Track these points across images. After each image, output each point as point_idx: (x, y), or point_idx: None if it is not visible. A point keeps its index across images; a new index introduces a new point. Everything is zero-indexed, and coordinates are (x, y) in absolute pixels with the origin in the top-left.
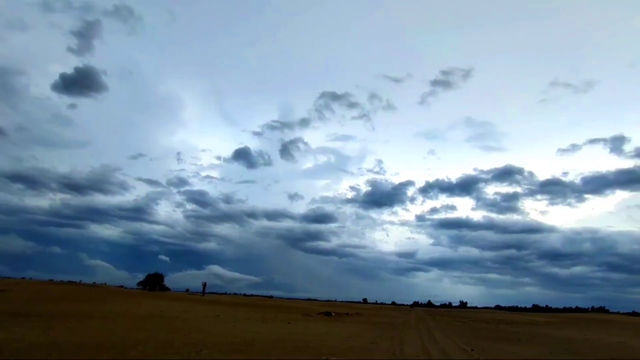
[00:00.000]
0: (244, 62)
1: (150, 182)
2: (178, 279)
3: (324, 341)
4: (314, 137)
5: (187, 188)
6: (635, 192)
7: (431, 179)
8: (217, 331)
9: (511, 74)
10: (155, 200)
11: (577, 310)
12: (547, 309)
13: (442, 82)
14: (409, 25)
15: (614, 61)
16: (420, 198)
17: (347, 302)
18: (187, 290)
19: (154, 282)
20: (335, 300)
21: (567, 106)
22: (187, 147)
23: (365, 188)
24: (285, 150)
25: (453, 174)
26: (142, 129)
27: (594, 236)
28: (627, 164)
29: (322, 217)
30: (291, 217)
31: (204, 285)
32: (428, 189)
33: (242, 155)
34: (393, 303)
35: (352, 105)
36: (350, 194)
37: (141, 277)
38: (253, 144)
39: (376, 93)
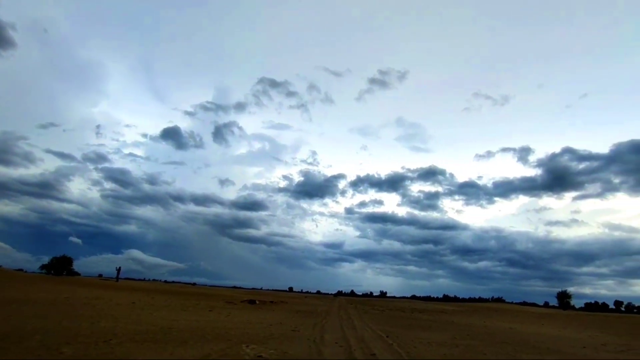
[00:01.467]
0: (180, 37)
1: (62, 155)
2: (92, 263)
3: (245, 329)
4: (249, 122)
5: (106, 165)
6: (534, 198)
7: (362, 174)
8: (131, 319)
9: (441, 81)
10: (67, 176)
11: (480, 300)
12: (455, 299)
13: (379, 81)
14: (353, 21)
15: (526, 80)
16: (350, 191)
17: (273, 290)
18: (100, 275)
19: (60, 266)
20: (261, 289)
21: (486, 116)
22: (108, 121)
23: (298, 178)
24: (219, 133)
25: (383, 171)
26: (56, 95)
27: (499, 235)
28: (530, 172)
29: (252, 205)
30: (220, 202)
31: (118, 270)
32: (358, 183)
33: (171, 135)
34: (318, 292)
35: (291, 94)
36: (282, 183)
37: (47, 260)
38: (184, 124)
39: (315, 84)
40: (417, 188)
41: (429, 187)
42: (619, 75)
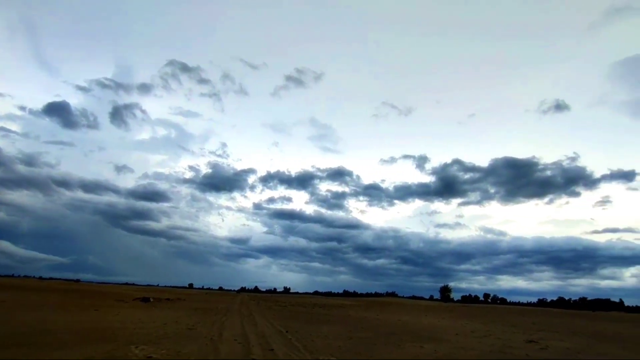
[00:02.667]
0: (77, 0)
1: None
2: None
3: (136, 329)
4: (154, 106)
5: None
6: (427, 202)
7: (273, 170)
8: None
9: (355, 86)
10: None
11: (376, 295)
12: (354, 294)
13: (296, 79)
14: (275, 15)
15: (428, 95)
16: (260, 187)
17: (171, 287)
18: None
19: None
20: (158, 285)
21: (392, 124)
22: None
23: (205, 170)
24: (117, 114)
25: (293, 168)
26: None
27: (396, 234)
28: (425, 179)
29: (153, 195)
30: (115, 191)
31: None
32: (269, 179)
33: (57, 111)
34: (220, 288)
35: (203, 81)
36: (188, 174)
37: None
38: (75, 100)
39: (230, 74)
40: (325, 187)
41: (336, 187)
42: (500, 99)
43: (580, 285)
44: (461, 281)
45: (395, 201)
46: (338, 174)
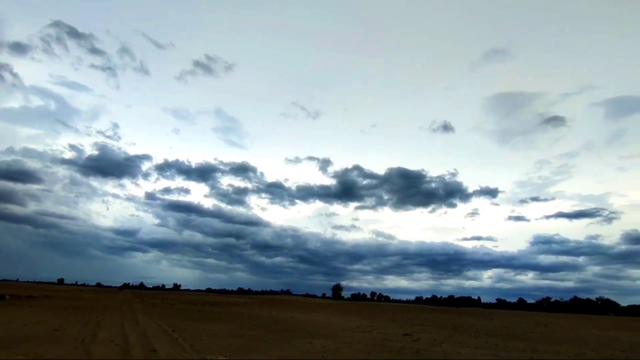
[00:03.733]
0: None
1: None
2: None
3: None
4: (30, 71)
5: None
6: (327, 204)
7: (171, 159)
8: None
9: (265, 82)
10: None
11: (271, 292)
12: (249, 292)
13: (205, 66)
14: None
15: (336, 101)
16: (155, 175)
17: (34, 282)
18: None
19: None
20: (17, 281)
21: (300, 125)
22: None
23: (91, 151)
24: None
25: (194, 159)
26: None
27: (295, 233)
28: (327, 181)
29: (19, 174)
30: None
31: None
32: (166, 168)
33: None
34: (99, 285)
35: (96, 51)
36: (68, 154)
37: None
38: None
39: (130, 49)
40: (227, 182)
41: (239, 182)
42: (399, 114)
43: (450, 284)
44: (352, 280)
45: (297, 201)
46: (241, 169)
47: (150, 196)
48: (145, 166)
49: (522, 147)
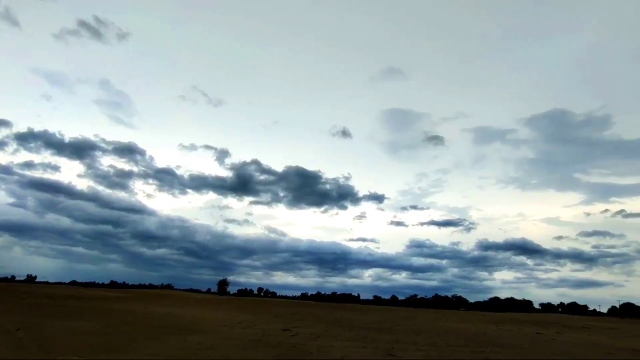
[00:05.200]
0: None
1: None
2: None
3: None
4: None
5: None
6: (220, 196)
7: (38, 128)
8: None
9: (165, 60)
10: None
11: (150, 286)
12: (124, 285)
13: (93, 29)
14: None
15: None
16: (14, 145)
17: None
18: None
19: None
20: None
21: (199, 111)
22: None
23: None
24: None
25: (68, 132)
26: None
27: (183, 224)
28: (223, 173)
29: None
30: None
31: None
32: (30, 139)
33: None
34: None
35: None
36: None
37: None
38: None
39: None
40: (108, 162)
41: (122, 165)
42: (302, 114)
43: (334, 282)
44: (241, 275)
45: (189, 190)
46: (127, 150)
47: (5, 170)
48: (2, 133)
49: (407, 160)
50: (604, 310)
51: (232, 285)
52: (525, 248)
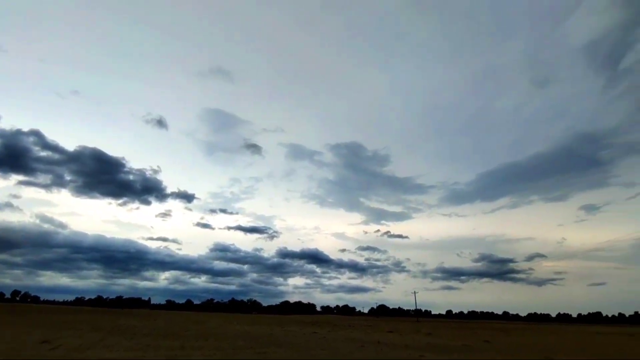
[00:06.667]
0: None
1: None
2: None
3: None
4: None
5: None
6: None
7: None
8: None
9: None
10: None
11: None
12: None
13: None
14: None
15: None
16: None
17: None
18: None
19: None
20: None
21: None
22: None
23: None
24: None
25: None
26: None
27: None
28: None
29: None
30: None
31: None
32: None
33: None
34: None
35: None
36: None
37: None
38: None
39: None
40: None
41: None
42: (107, 88)
43: (123, 284)
44: None
45: None
46: None
47: None
48: None
49: (223, 163)
50: (366, 310)
51: None
52: (316, 257)
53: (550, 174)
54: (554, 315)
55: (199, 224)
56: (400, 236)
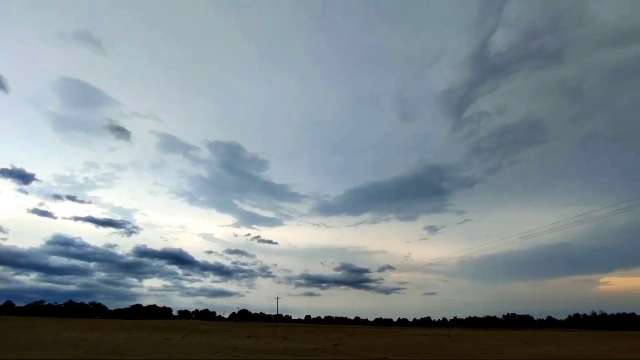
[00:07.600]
0: None
1: None
2: None
3: None
4: None
5: None
6: None
7: None
8: None
9: None
10: None
11: None
12: None
13: None
14: None
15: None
16: None
17: None
18: None
19: None
20: None
21: None
22: None
23: None
24: None
25: None
26: None
27: None
28: None
29: None
30: None
31: None
32: None
33: None
34: None
35: None
36: None
37: None
38: None
39: None
40: None
41: None
42: None
43: None
44: None
45: None
46: None
47: None
48: None
49: (78, 143)
50: (227, 315)
51: None
52: (179, 258)
53: (404, 197)
54: (395, 320)
55: (35, 211)
56: (270, 241)
